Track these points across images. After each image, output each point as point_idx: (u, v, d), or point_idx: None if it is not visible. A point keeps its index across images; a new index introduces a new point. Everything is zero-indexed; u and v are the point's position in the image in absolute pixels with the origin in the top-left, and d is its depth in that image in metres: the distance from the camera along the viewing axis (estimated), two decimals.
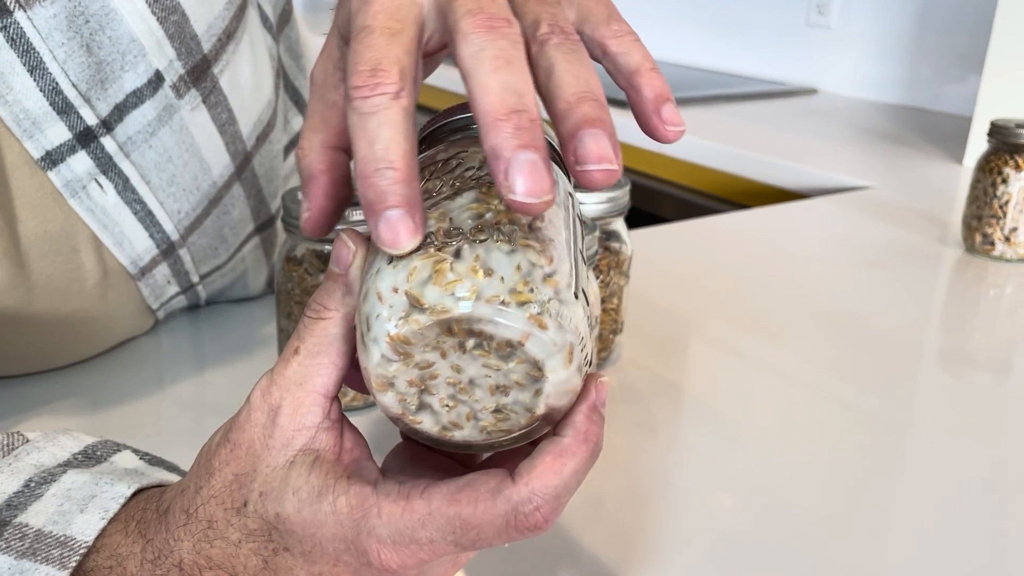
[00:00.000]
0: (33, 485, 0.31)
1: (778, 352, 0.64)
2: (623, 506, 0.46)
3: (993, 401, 0.60)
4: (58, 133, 0.47)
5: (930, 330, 0.72)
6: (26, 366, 0.55)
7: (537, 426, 0.28)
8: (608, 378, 0.29)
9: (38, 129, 0.47)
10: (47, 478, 0.31)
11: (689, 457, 0.51)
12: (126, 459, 0.34)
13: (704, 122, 1.40)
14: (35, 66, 0.46)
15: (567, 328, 0.26)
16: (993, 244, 0.84)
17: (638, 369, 0.60)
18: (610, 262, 0.56)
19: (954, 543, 0.44)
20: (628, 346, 0.63)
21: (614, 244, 0.57)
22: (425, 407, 0.27)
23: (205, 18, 0.52)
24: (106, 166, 0.50)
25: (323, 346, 0.28)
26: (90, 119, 0.48)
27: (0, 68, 0.45)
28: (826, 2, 1.71)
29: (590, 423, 0.27)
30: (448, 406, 0.27)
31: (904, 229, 0.93)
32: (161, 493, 0.31)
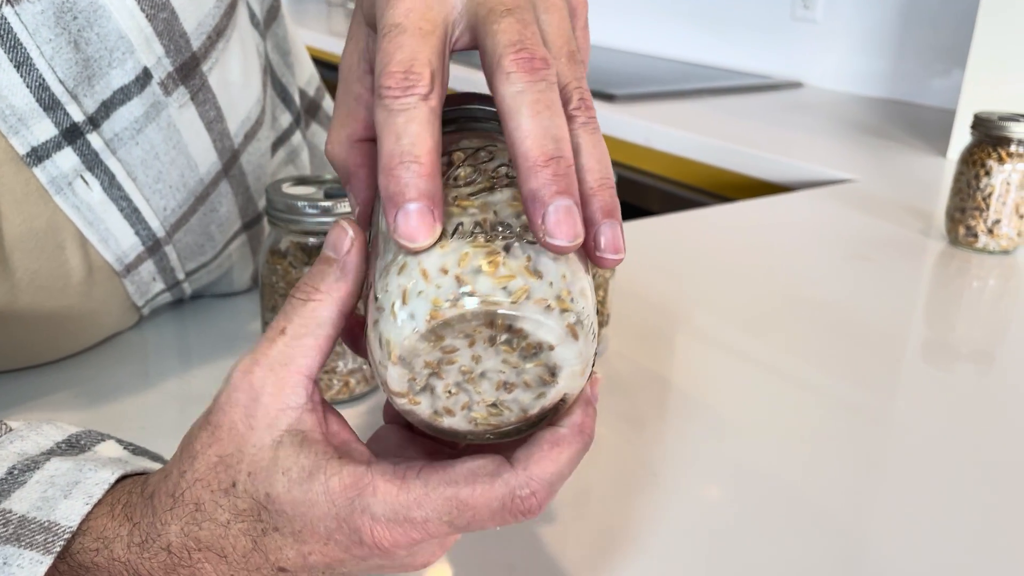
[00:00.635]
0: (16, 472, 0.31)
1: (763, 344, 0.65)
2: (609, 498, 0.46)
3: (976, 392, 0.60)
4: (44, 129, 0.47)
5: (914, 322, 0.73)
6: (9, 362, 0.54)
7: (520, 428, 0.28)
8: (599, 373, 0.30)
9: (24, 125, 0.46)
10: (30, 465, 0.31)
11: (675, 449, 0.51)
12: (110, 448, 0.34)
13: (689, 116, 1.40)
14: (22, 62, 0.45)
15: (592, 342, 0.27)
16: (976, 236, 0.84)
17: (624, 361, 0.60)
18: None
19: (939, 533, 0.44)
20: (614, 339, 0.63)
21: None
22: (428, 389, 0.27)
23: (195, 15, 0.51)
24: (92, 163, 0.49)
25: (310, 328, 0.29)
26: (77, 116, 0.48)
27: None
28: None
29: (585, 416, 0.29)
30: (451, 392, 0.27)
31: (888, 222, 0.94)
32: (145, 479, 0.31)
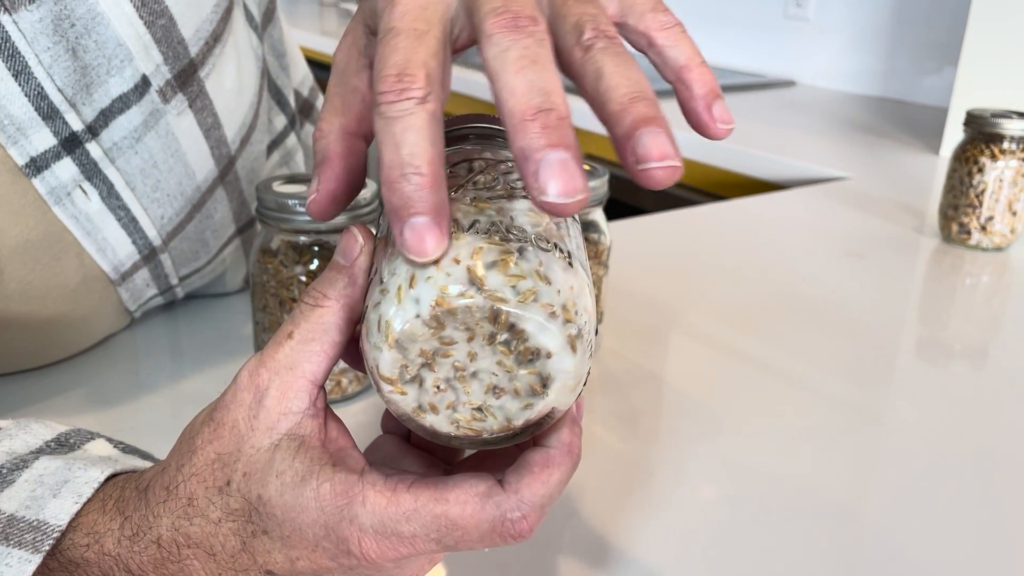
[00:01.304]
0: (5, 471, 0.31)
1: (757, 342, 0.64)
2: (603, 497, 0.45)
3: (970, 389, 0.60)
4: (43, 139, 0.46)
5: (907, 319, 0.73)
6: (0, 367, 0.54)
7: (500, 439, 0.28)
8: (590, 381, 0.29)
9: (23, 135, 0.45)
10: (19, 464, 0.31)
11: (669, 447, 0.50)
12: (99, 447, 0.34)
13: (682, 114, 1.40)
14: (20, 71, 0.44)
15: (588, 360, 0.27)
16: (969, 233, 0.84)
17: (618, 360, 0.60)
18: (589, 252, 0.56)
19: (934, 529, 0.44)
20: (608, 337, 0.63)
21: (593, 234, 0.56)
22: (417, 381, 0.26)
23: (193, 21, 0.51)
24: (91, 172, 0.49)
25: (317, 333, 0.28)
26: (75, 124, 0.47)
27: None
28: None
29: (573, 436, 0.29)
30: (438, 388, 0.27)
31: (881, 219, 0.94)
32: (141, 473, 0.31)
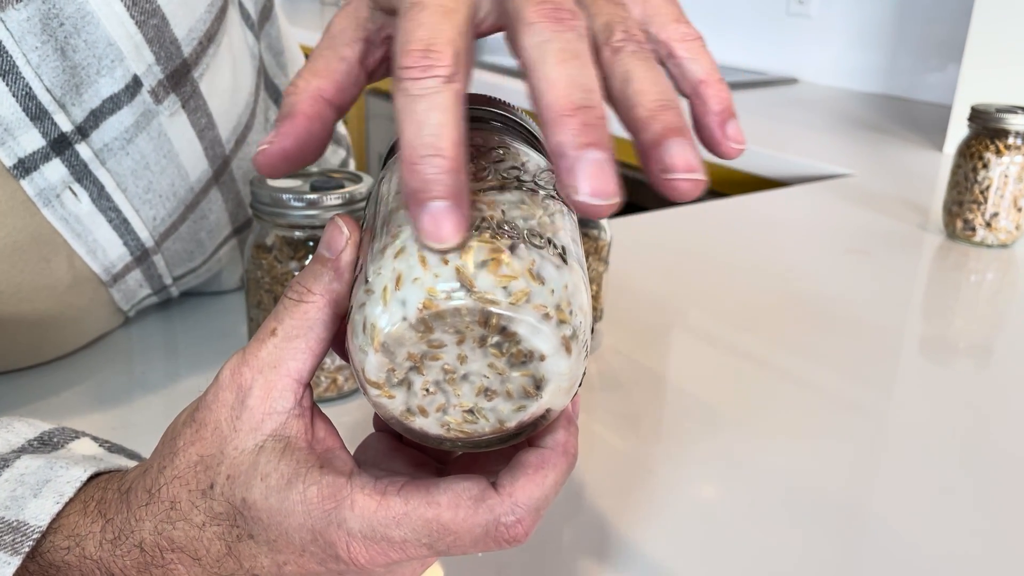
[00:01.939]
0: None
1: (759, 339, 0.64)
2: (603, 495, 0.45)
3: (974, 386, 0.59)
4: (31, 140, 0.45)
5: (911, 316, 0.72)
6: None
7: (492, 441, 0.27)
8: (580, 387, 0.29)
9: (11, 136, 0.45)
10: (0, 464, 0.30)
11: (670, 445, 0.50)
12: (84, 446, 0.33)
13: (685, 112, 1.39)
14: (8, 70, 0.43)
15: (583, 361, 0.26)
16: (974, 230, 0.83)
17: (618, 357, 0.59)
18: (588, 248, 0.55)
19: (937, 527, 0.43)
20: (608, 334, 0.62)
21: (593, 230, 0.56)
22: (405, 384, 0.25)
23: (186, 21, 0.50)
24: (81, 174, 0.48)
25: (302, 330, 0.27)
26: (65, 125, 0.46)
27: None
28: None
29: (568, 435, 0.28)
30: (428, 391, 0.26)
31: (885, 216, 0.93)
32: (123, 475, 0.30)
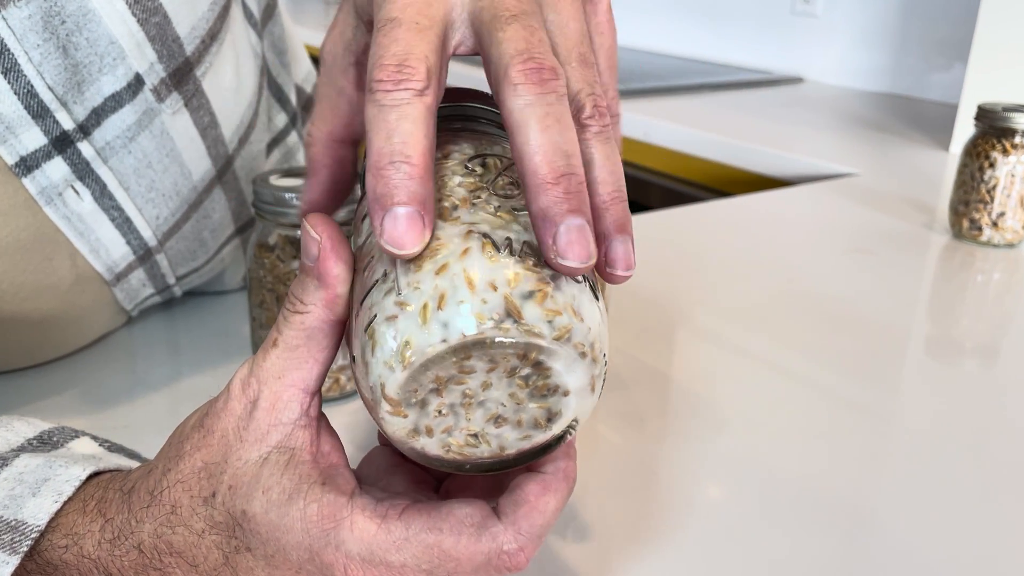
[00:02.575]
0: None
1: (764, 340, 0.63)
2: (607, 496, 0.45)
3: (980, 388, 0.59)
4: (33, 138, 0.45)
5: (917, 317, 0.71)
6: None
7: (488, 467, 0.27)
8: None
9: (12, 134, 0.44)
10: None
11: (674, 447, 0.49)
12: (84, 445, 0.33)
13: (690, 111, 1.39)
14: (9, 68, 0.43)
15: (599, 396, 0.26)
16: (981, 229, 0.83)
17: (623, 358, 0.59)
18: None
19: (943, 528, 0.43)
20: (612, 334, 0.62)
21: None
22: (420, 404, 0.25)
23: (188, 19, 0.50)
24: (83, 172, 0.48)
25: (301, 339, 0.27)
26: (66, 123, 0.46)
27: None
28: None
29: (568, 460, 0.28)
30: (440, 412, 0.25)
31: (891, 215, 0.93)
32: (127, 473, 0.30)
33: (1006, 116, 0.79)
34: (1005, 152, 0.80)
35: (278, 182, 0.48)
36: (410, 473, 0.31)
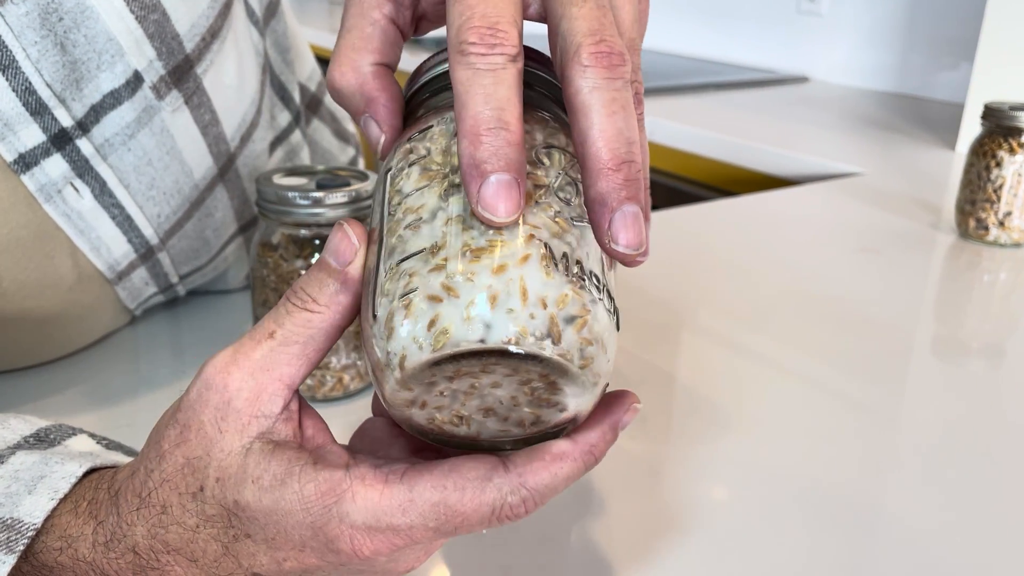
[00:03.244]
0: None
1: (769, 339, 0.63)
2: (610, 496, 0.44)
3: (987, 388, 0.58)
4: (32, 135, 0.45)
5: (923, 316, 0.71)
6: None
7: (460, 444, 0.27)
8: (641, 405, 0.29)
9: (11, 131, 0.44)
10: None
11: (678, 446, 0.49)
12: (81, 443, 0.33)
13: (695, 111, 1.39)
14: (7, 65, 0.43)
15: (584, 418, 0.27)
16: (987, 229, 0.82)
17: (627, 357, 0.59)
18: None
19: (949, 529, 0.43)
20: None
21: None
22: (429, 385, 0.25)
23: (188, 17, 0.50)
24: (82, 169, 0.48)
25: (302, 337, 0.27)
26: (65, 120, 0.46)
27: None
28: None
29: (602, 439, 0.27)
30: (442, 394, 0.25)
31: (896, 215, 0.92)
32: (114, 473, 0.29)
33: (1013, 115, 0.79)
34: (1012, 151, 0.79)
35: (281, 181, 0.48)
36: (409, 441, 0.30)
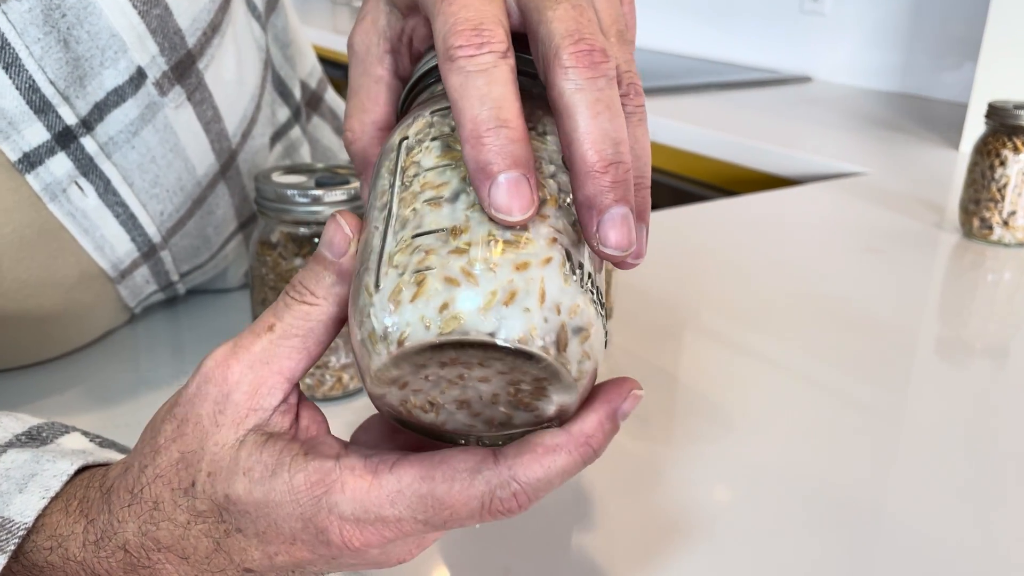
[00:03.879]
0: None
1: (772, 340, 0.63)
2: (611, 498, 0.44)
3: (991, 388, 0.58)
4: (36, 134, 0.45)
5: (927, 316, 0.71)
6: None
7: (425, 430, 0.27)
8: (643, 392, 0.27)
9: (15, 130, 0.44)
10: None
11: (680, 447, 0.49)
12: (74, 441, 0.33)
13: (698, 110, 1.38)
14: (11, 63, 0.43)
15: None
16: (991, 228, 0.82)
17: (628, 357, 0.59)
18: None
19: (954, 531, 0.42)
20: (618, 333, 0.61)
21: None
22: (419, 367, 0.24)
23: (189, 11, 0.49)
24: (87, 168, 0.47)
25: (301, 330, 0.27)
26: (69, 118, 0.46)
27: None
28: None
29: (599, 429, 0.26)
30: (427, 378, 0.25)
31: (900, 214, 0.92)
32: (105, 471, 0.29)
33: (1017, 114, 0.79)
34: (1016, 150, 0.79)
35: (281, 179, 0.48)
36: (410, 437, 0.30)
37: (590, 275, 0.25)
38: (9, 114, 0.44)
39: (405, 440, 0.30)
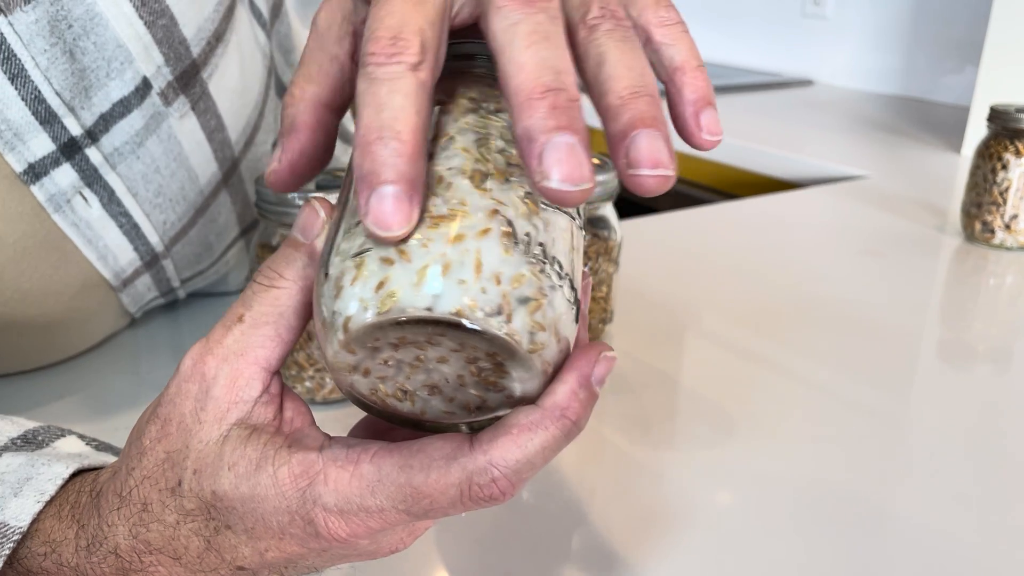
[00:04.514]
0: None
1: (773, 343, 0.63)
2: (613, 501, 0.44)
3: (994, 392, 0.58)
4: (41, 144, 0.45)
5: (929, 320, 0.71)
6: None
7: (404, 420, 0.27)
8: (615, 353, 0.26)
9: (20, 141, 0.44)
10: None
11: (681, 451, 0.49)
12: (70, 444, 0.33)
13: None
14: (16, 74, 0.43)
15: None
16: (993, 232, 0.82)
17: (629, 360, 0.58)
18: (599, 249, 0.54)
19: (955, 535, 0.42)
20: (618, 336, 0.61)
21: (603, 231, 0.55)
22: (373, 350, 0.24)
23: (195, 21, 0.49)
24: (91, 179, 0.47)
25: (272, 316, 0.26)
26: (74, 129, 0.45)
27: None
28: None
29: (573, 399, 0.25)
30: (386, 363, 0.24)
31: (902, 218, 0.92)
32: (96, 475, 0.29)
33: (1019, 117, 0.78)
34: (1018, 154, 0.79)
35: None
36: (407, 435, 0.29)
37: (543, 245, 0.24)
38: (15, 125, 0.43)
39: (401, 437, 0.30)
